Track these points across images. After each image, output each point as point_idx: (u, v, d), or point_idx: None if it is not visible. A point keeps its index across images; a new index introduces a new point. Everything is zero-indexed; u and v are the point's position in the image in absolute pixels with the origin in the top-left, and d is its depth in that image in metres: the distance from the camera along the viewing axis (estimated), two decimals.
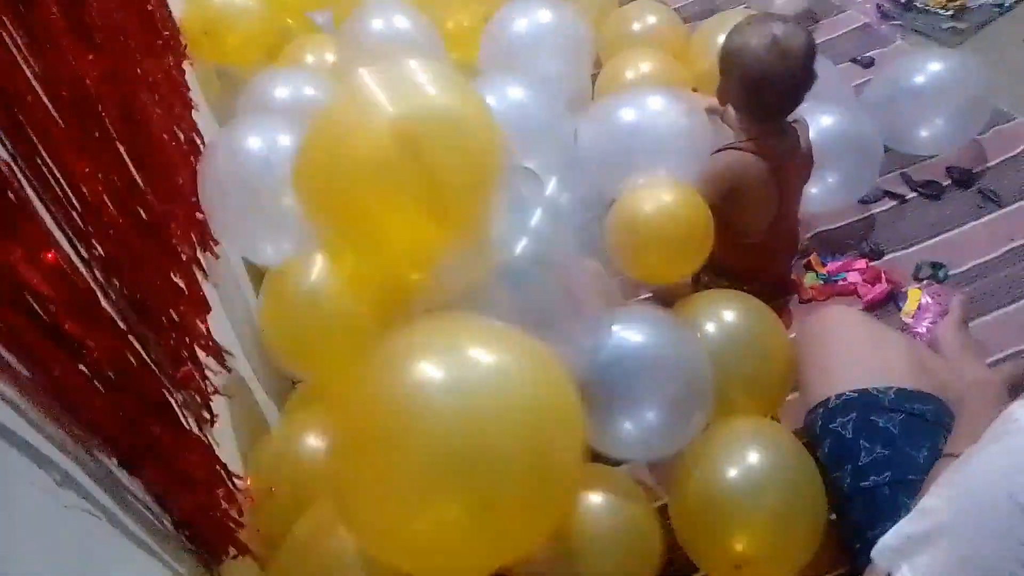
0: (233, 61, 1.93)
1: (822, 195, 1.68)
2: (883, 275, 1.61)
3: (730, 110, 1.45)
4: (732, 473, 1.08)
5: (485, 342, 0.84)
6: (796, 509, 1.08)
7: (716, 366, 1.16)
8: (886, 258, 1.68)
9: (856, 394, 1.11)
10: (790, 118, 1.46)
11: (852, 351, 1.19)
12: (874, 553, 0.78)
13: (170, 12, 1.62)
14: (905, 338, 1.25)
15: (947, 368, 1.21)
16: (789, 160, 1.46)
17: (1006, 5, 2.30)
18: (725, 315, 1.27)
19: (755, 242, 1.51)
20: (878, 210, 1.79)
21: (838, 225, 1.76)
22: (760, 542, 1.07)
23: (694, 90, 1.82)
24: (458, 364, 0.81)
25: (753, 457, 1.10)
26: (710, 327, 1.25)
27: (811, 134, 1.55)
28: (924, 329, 1.49)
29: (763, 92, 1.38)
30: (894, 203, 1.80)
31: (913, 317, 1.53)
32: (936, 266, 1.62)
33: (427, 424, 0.77)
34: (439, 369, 0.79)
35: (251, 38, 1.90)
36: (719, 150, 1.45)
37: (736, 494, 1.08)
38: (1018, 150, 1.86)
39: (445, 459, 0.76)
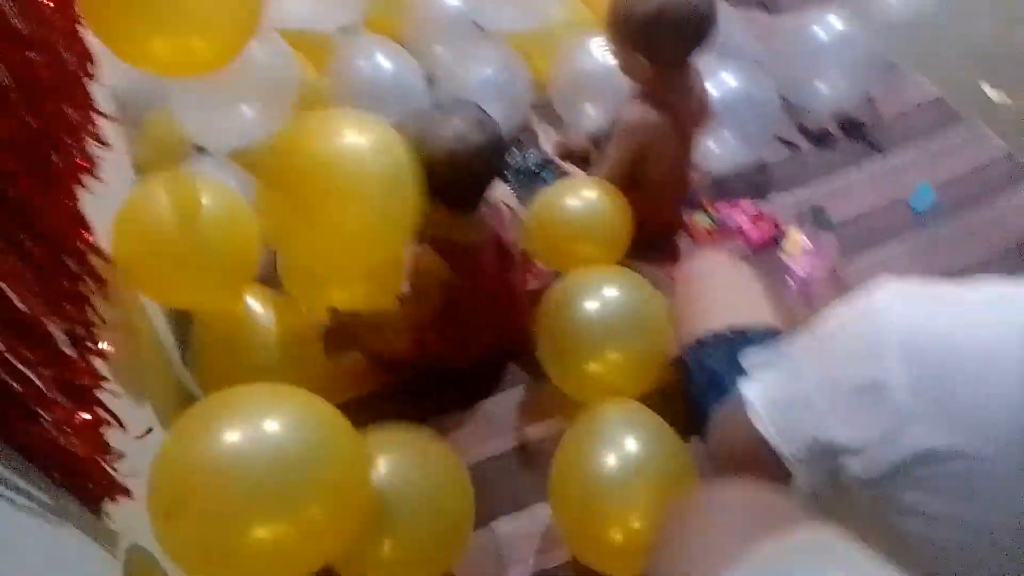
0: None
1: (721, 152, 1.73)
2: (770, 219, 1.68)
3: (636, 62, 1.43)
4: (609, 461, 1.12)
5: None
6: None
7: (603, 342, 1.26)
8: (774, 203, 1.75)
9: (727, 329, 1.17)
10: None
11: (725, 292, 1.25)
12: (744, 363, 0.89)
13: None
14: (773, 285, 1.31)
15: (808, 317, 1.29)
16: (684, 105, 1.49)
17: None
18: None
19: (656, 189, 1.55)
20: (770, 157, 1.85)
21: (731, 170, 1.81)
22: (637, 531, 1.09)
23: None
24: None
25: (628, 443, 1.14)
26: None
27: (714, 92, 1.60)
28: (804, 272, 1.57)
29: (692, 33, 1.37)
30: (786, 150, 1.87)
31: (792, 258, 1.60)
32: (818, 211, 1.69)
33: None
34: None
35: None
36: (624, 104, 1.47)
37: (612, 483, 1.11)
38: (910, 106, 1.95)
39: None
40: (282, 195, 1.14)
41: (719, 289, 1.27)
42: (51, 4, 1.12)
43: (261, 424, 0.87)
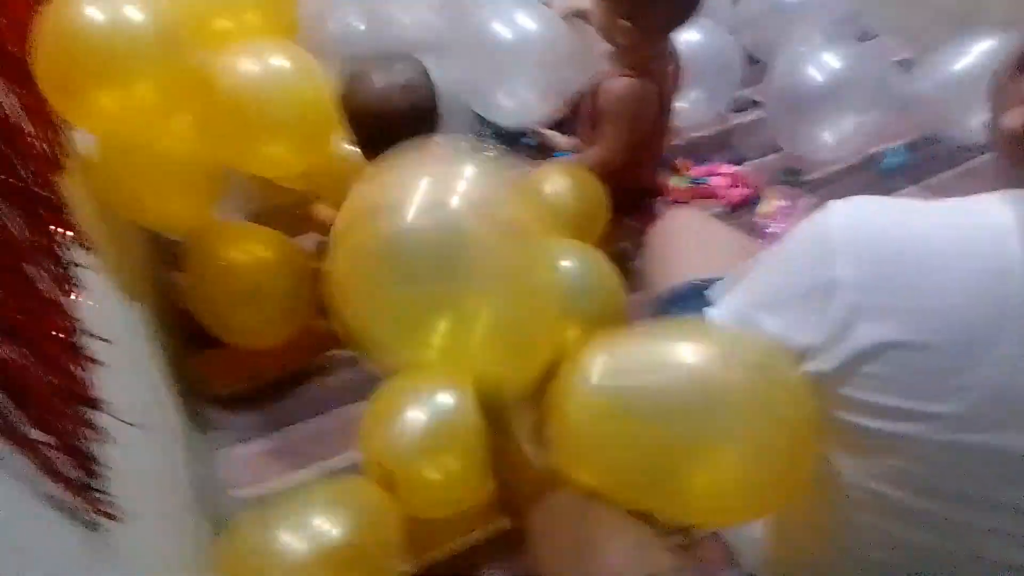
0: None
1: (686, 109, 1.76)
2: (744, 180, 1.72)
3: (620, 28, 1.42)
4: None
5: None
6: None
7: None
8: (748, 164, 1.79)
9: (700, 281, 1.20)
10: None
11: (696, 247, 1.29)
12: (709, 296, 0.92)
13: None
14: (742, 240, 1.35)
15: None
16: (665, 73, 1.51)
17: None
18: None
19: (637, 152, 1.57)
20: (744, 119, 1.88)
21: (706, 132, 1.85)
22: None
23: None
24: None
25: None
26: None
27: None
28: (776, 230, 1.61)
29: (686, 4, 1.39)
30: (760, 113, 1.90)
31: (767, 217, 1.64)
32: (792, 172, 1.73)
33: None
34: None
35: None
36: (604, 76, 1.48)
37: None
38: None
39: None
40: None
41: (691, 244, 1.31)
42: None
43: None
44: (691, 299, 1.18)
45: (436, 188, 0.79)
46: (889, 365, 0.66)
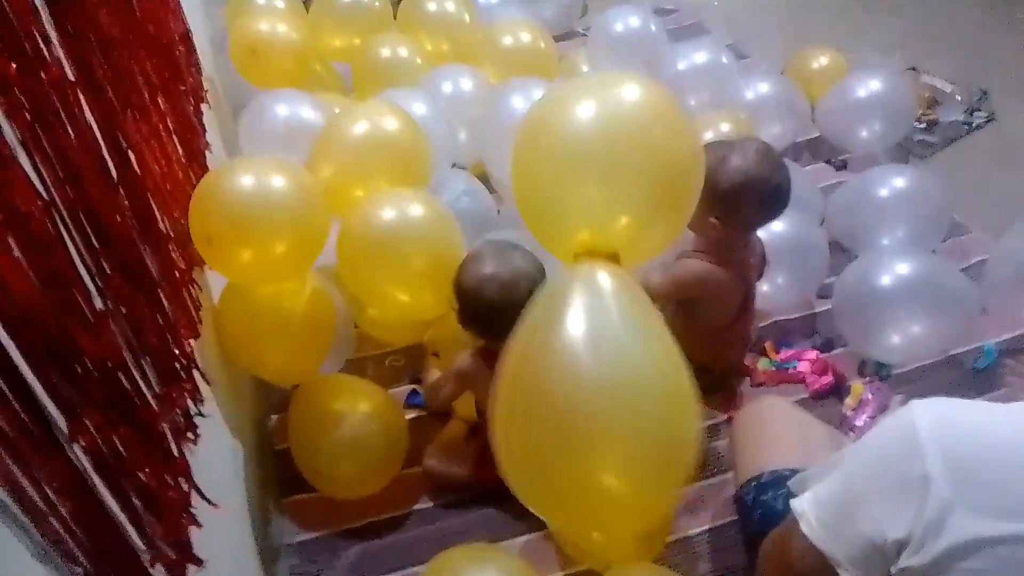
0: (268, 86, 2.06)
1: (772, 293, 1.80)
2: (830, 367, 1.72)
3: (710, 225, 1.49)
4: None
5: None
6: None
7: None
8: (836, 351, 1.79)
9: (787, 471, 1.21)
10: None
11: (784, 435, 1.31)
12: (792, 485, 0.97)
13: (197, 60, 1.76)
14: (828, 429, 1.36)
15: None
16: (748, 264, 1.58)
17: (973, 124, 2.46)
18: None
19: (721, 334, 1.62)
20: (826, 307, 1.89)
21: (795, 316, 1.87)
22: None
23: None
24: None
25: None
26: None
27: (760, 235, 1.69)
28: (862, 422, 1.59)
29: (775, 205, 1.47)
30: None
31: (854, 410, 1.63)
32: (881, 365, 1.72)
33: None
34: None
35: (288, 71, 2.10)
36: (687, 254, 1.56)
37: None
38: (971, 261, 1.99)
39: None
40: None
41: (777, 432, 1.32)
42: None
43: None
44: (777, 488, 1.19)
45: None
46: (986, 561, 0.69)
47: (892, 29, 3.04)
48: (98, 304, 0.77)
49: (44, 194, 0.70)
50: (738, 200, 1.43)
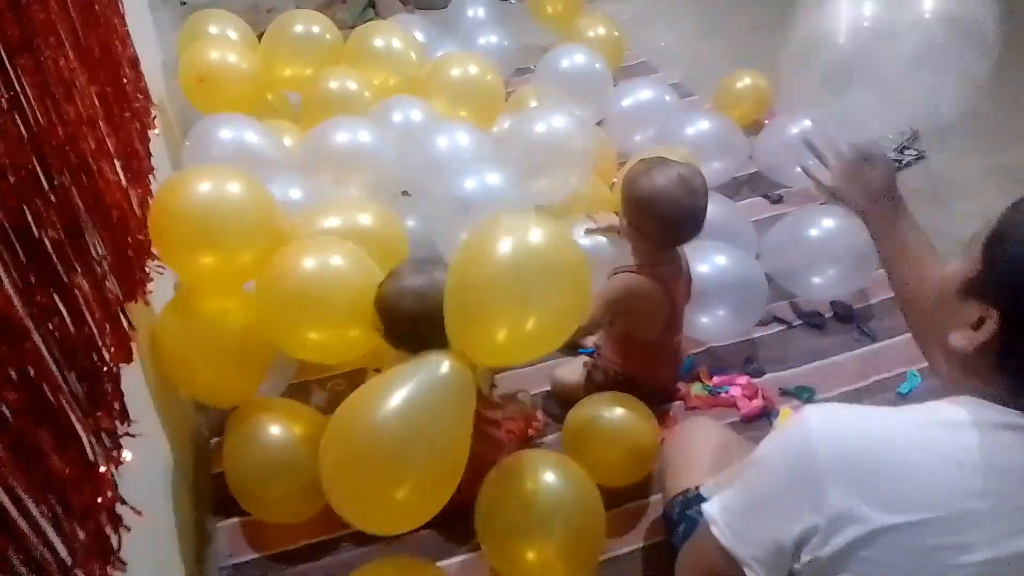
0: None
1: (714, 326, 1.87)
2: (761, 392, 1.78)
3: (629, 241, 1.62)
4: None
5: None
6: None
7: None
8: (766, 377, 1.86)
9: (713, 486, 1.25)
10: None
11: (711, 452, 1.36)
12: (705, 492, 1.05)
13: (145, 86, 1.78)
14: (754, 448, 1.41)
15: None
16: (675, 281, 1.64)
17: (904, 162, 2.59)
18: None
19: (644, 351, 1.68)
20: (765, 333, 1.97)
21: (727, 343, 1.94)
22: None
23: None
24: None
25: None
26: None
27: (705, 269, 1.79)
28: None
29: (677, 226, 1.56)
30: (781, 328, 1.99)
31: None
32: (803, 389, 1.79)
33: None
34: None
35: (237, 99, 2.12)
36: (617, 271, 1.63)
37: None
38: None
39: None
40: None
41: (704, 449, 1.37)
42: None
43: None
44: (701, 502, 1.23)
45: None
46: (881, 549, 0.76)
47: None
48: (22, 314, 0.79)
49: None
50: (644, 210, 1.54)
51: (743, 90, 2.72)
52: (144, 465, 1.23)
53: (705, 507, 0.94)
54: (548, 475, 1.35)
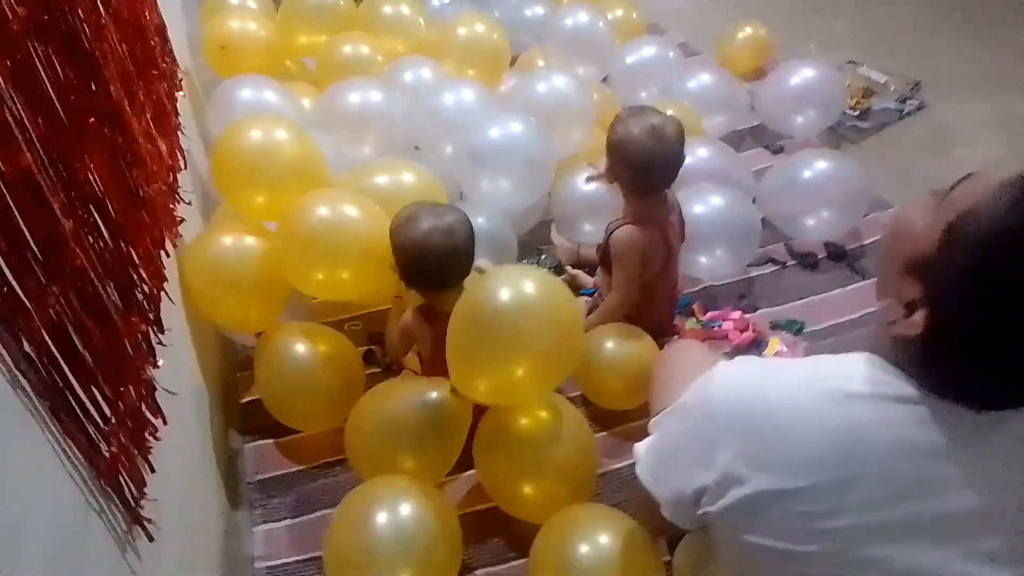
0: None
1: (710, 264, 1.96)
2: (751, 325, 1.88)
3: (618, 188, 1.71)
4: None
5: None
6: None
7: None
8: (759, 312, 1.95)
9: None
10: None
11: (691, 373, 1.43)
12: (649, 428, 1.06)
13: (170, 47, 1.93)
14: None
15: None
16: (668, 225, 1.73)
17: (904, 111, 2.64)
18: None
19: (642, 292, 1.77)
20: (760, 272, 2.06)
21: (723, 282, 2.03)
22: None
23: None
24: None
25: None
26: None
27: (701, 210, 1.88)
28: None
29: (647, 172, 1.64)
30: (775, 268, 2.08)
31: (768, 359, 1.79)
32: (792, 323, 1.89)
33: None
34: None
35: (257, 66, 2.27)
36: (613, 225, 1.73)
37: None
38: None
39: None
40: None
41: (686, 371, 1.44)
42: None
43: None
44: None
45: None
46: (768, 512, 0.79)
47: (836, 29, 3.23)
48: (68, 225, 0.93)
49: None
50: (617, 156, 1.64)
51: (744, 39, 2.83)
52: (176, 381, 1.37)
53: (636, 446, 1.01)
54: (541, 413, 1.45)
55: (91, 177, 1.07)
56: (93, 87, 1.17)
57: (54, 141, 0.94)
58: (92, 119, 1.11)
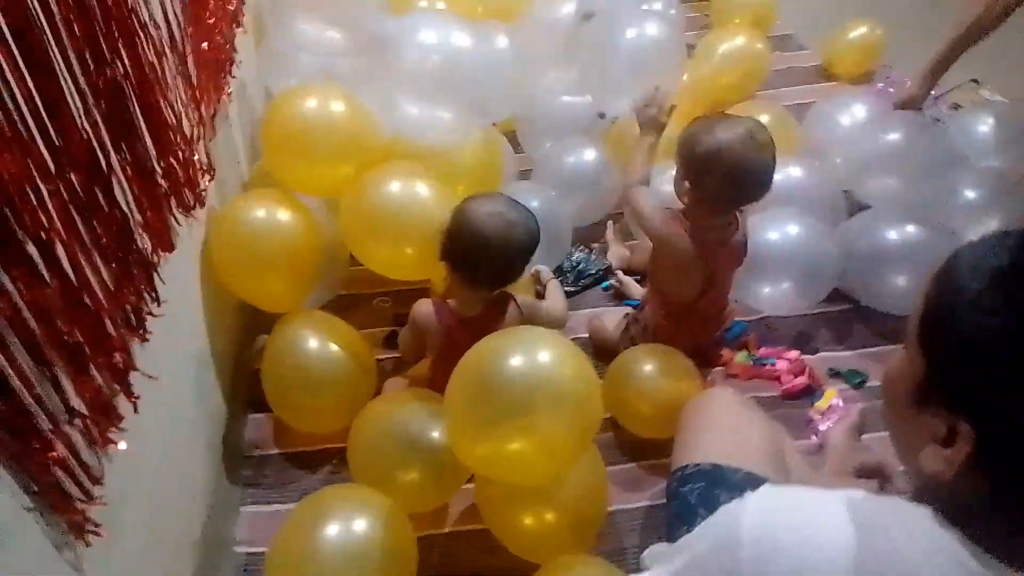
0: None
1: (775, 297, 1.77)
2: (808, 370, 1.70)
3: (684, 189, 1.53)
4: None
5: None
6: None
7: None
8: (819, 355, 1.77)
9: (710, 466, 1.21)
10: None
11: (721, 428, 1.30)
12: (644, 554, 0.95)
13: None
14: (775, 430, 1.33)
15: (810, 468, 1.32)
16: (721, 246, 1.56)
17: None
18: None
19: (682, 311, 1.63)
20: (829, 309, 1.86)
21: (786, 315, 1.85)
22: None
23: None
24: None
25: None
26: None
27: (774, 237, 1.70)
28: (825, 427, 1.58)
29: (740, 185, 1.46)
30: (847, 307, 1.88)
31: (821, 414, 1.61)
32: (854, 373, 1.70)
33: None
34: None
35: None
36: (668, 208, 1.58)
37: None
38: None
39: None
40: None
41: (716, 425, 1.31)
42: None
43: None
44: (702, 482, 1.20)
45: None
46: None
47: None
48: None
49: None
50: (706, 167, 1.45)
51: (855, 40, 2.61)
52: (175, 347, 1.31)
53: None
54: None
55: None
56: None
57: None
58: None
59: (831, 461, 1.29)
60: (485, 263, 1.39)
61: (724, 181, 1.45)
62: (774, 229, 1.75)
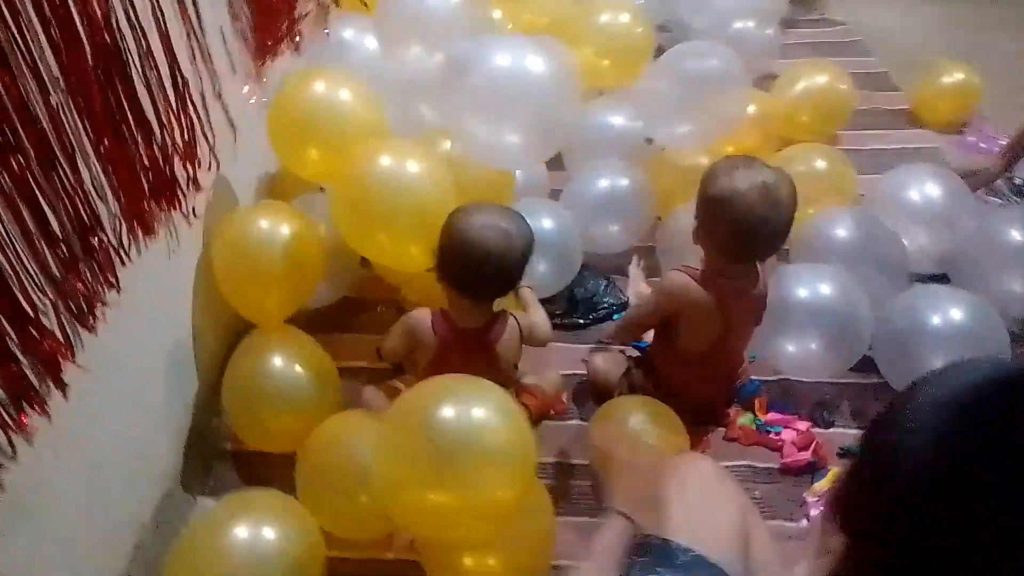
0: None
1: (799, 358, 1.63)
2: (816, 445, 1.56)
3: (700, 235, 1.44)
4: None
5: None
6: None
7: None
8: (833, 430, 1.63)
9: (660, 541, 1.13)
10: None
11: (684, 500, 1.20)
12: None
13: None
14: (746, 512, 1.22)
15: (780, 561, 1.21)
16: (737, 299, 1.46)
17: None
18: None
19: (691, 362, 1.53)
20: (853, 380, 1.71)
21: (806, 379, 1.71)
22: None
23: None
24: None
25: None
26: None
27: (804, 294, 1.58)
28: (816, 513, 1.45)
29: (747, 240, 1.37)
30: (875, 380, 1.71)
31: (816, 497, 1.48)
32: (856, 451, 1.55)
33: None
34: None
35: None
36: (677, 267, 1.49)
37: None
38: None
39: None
40: None
41: (682, 496, 1.22)
42: None
43: None
44: (646, 556, 1.12)
45: None
46: None
47: None
48: None
49: None
50: (713, 213, 1.37)
51: (950, 85, 2.38)
52: (143, 345, 1.33)
53: None
54: None
55: None
56: None
57: None
58: None
59: (814, 546, 1.18)
60: (489, 276, 1.36)
61: (729, 230, 1.36)
62: (803, 284, 1.61)
